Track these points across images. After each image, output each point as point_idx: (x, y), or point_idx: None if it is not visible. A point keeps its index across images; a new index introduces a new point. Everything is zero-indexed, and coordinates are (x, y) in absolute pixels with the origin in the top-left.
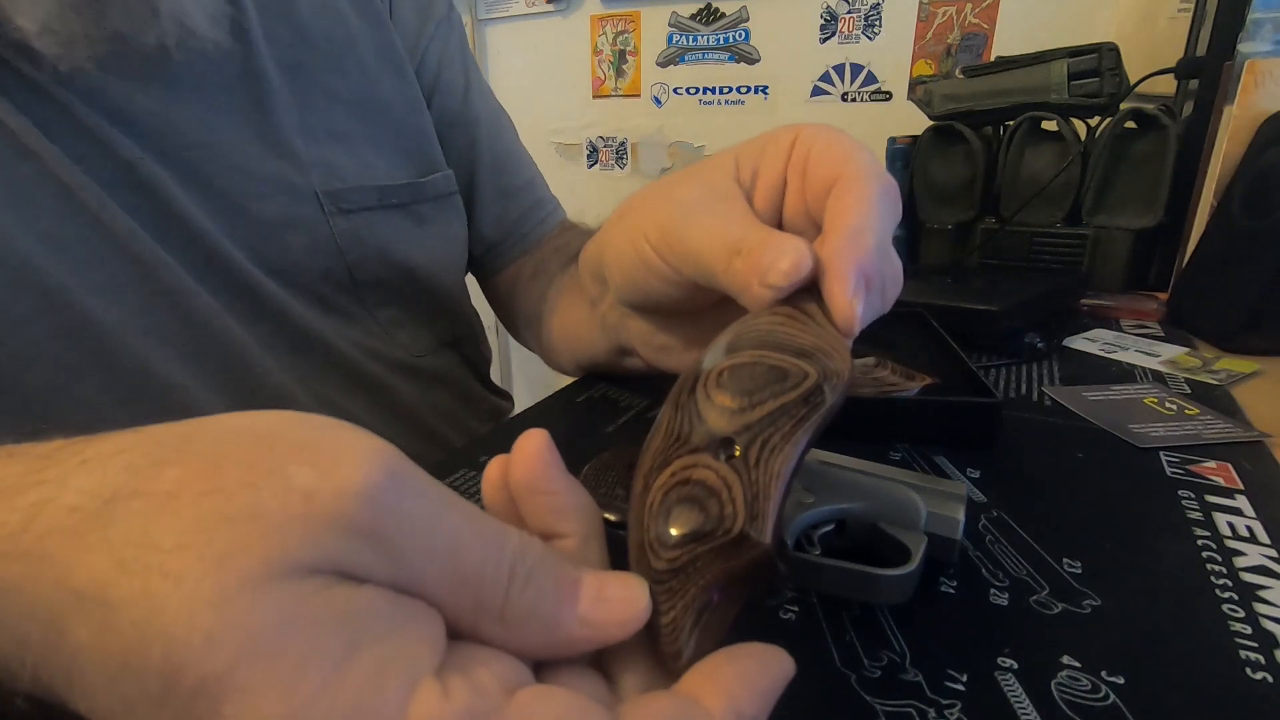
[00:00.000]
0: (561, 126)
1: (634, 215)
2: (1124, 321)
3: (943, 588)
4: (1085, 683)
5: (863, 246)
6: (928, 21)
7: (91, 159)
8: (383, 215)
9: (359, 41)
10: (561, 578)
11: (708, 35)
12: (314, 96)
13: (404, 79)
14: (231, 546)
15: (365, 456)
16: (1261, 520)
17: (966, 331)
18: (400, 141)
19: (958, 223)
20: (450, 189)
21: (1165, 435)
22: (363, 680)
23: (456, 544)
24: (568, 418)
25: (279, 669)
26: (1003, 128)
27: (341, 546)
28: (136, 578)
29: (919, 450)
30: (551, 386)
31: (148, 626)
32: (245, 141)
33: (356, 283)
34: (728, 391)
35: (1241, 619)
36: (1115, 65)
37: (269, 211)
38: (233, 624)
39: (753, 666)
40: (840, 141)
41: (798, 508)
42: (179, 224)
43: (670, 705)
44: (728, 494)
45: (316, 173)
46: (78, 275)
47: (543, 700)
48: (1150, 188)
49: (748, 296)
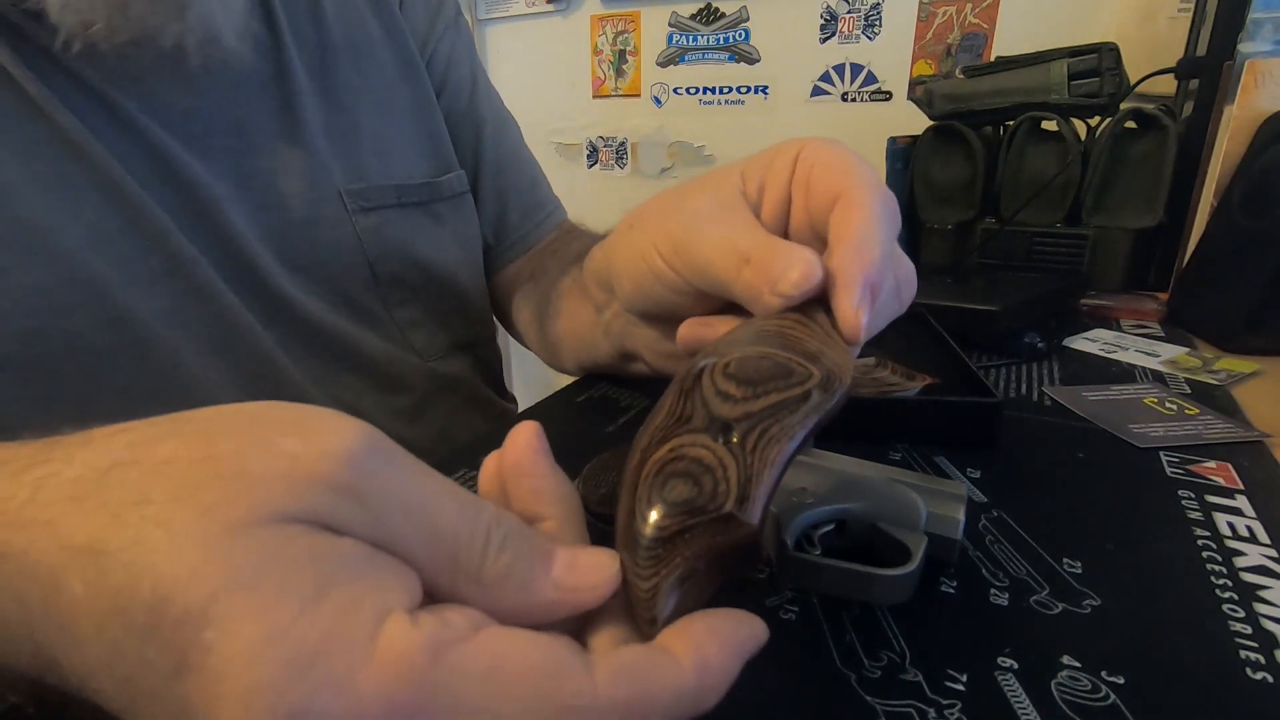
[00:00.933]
0: (561, 126)
1: (643, 226)
2: (1124, 321)
3: (943, 588)
4: (1085, 683)
5: (868, 259)
6: (928, 21)
7: (132, 156)
8: (402, 213)
9: (377, 44)
10: (536, 546)
11: (708, 35)
12: (336, 97)
13: (419, 82)
14: (219, 498)
15: (347, 428)
16: (1261, 520)
17: (966, 331)
18: (417, 142)
19: (958, 223)
20: (463, 188)
21: (1165, 435)
22: (336, 609)
23: (433, 506)
24: (568, 418)
25: (257, 598)
26: (1003, 128)
27: (323, 501)
28: (130, 528)
29: (919, 450)
30: (551, 386)
31: (138, 567)
32: (275, 140)
33: (378, 279)
34: (734, 380)
35: (1241, 619)
36: (1115, 65)
37: (296, 208)
38: (217, 559)
39: (722, 622)
40: (842, 156)
41: (798, 508)
42: (210, 220)
43: (639, 651)
44: (722, 473)
45: (339, 171)
46: (117, 268)
47: (510, 633)
48: (1150, 188)
49: (758, 305)
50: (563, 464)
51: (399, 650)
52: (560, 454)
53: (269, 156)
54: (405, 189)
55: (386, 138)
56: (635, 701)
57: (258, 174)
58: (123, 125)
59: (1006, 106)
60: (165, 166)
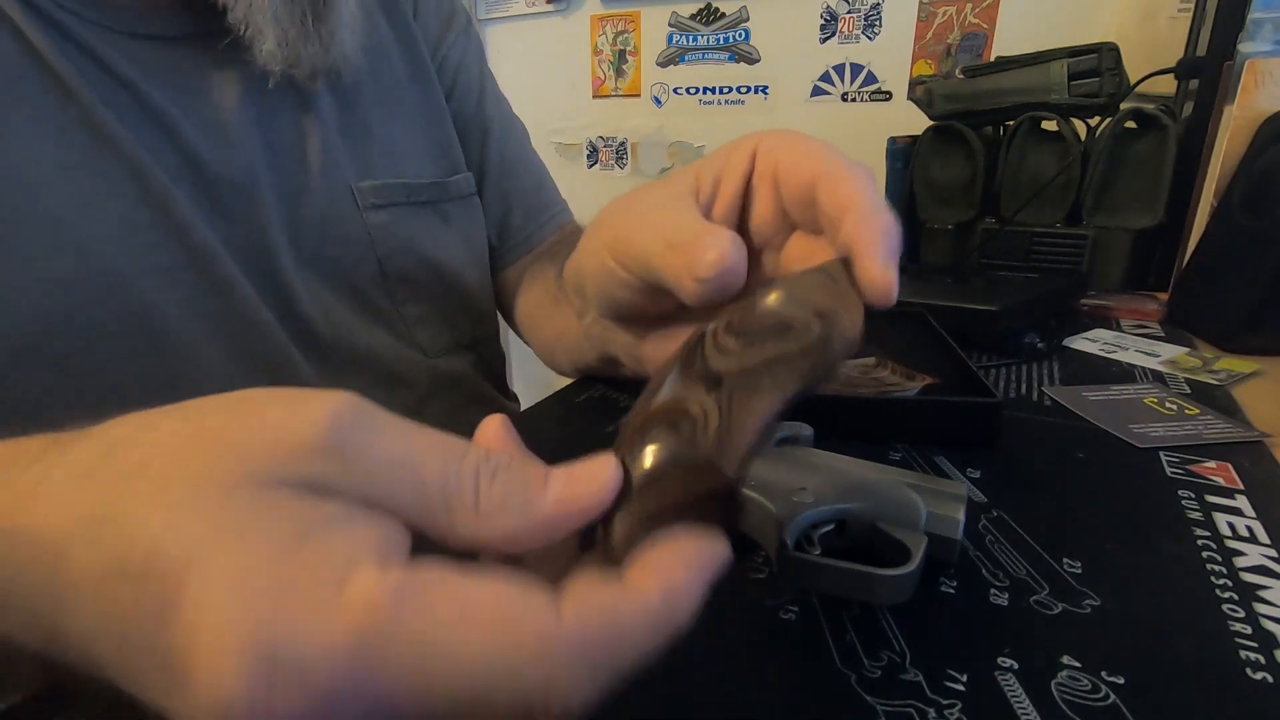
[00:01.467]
0: (561, 126)
1: (598, 227)
2: (1124, 321)
3: (943, 588)
4: (1085, 683)
5: (880, 221)
6: (928, 21)
7: (161, 147)
8: (411, 211)
9: (389, 49)
10: (529, 471)
11: (708, 35)
12: (349, 97)
13: (429, 86)
14: (209, 465)
15: (331, 397)
16: (1261, 520)
17: (966, 331)
18: (425, 144)
19: (958, 223)
20: (471, 190)
21: (1165, 435)
22: (309, 557)
23: (417, 458)
24: (568, 418)
25: (237, 546)
26: (1003, 128)
27: (310, 465)
28: (128, 497)
29: (919, 450)
30: (552, 386)
31: (134, 528)
32: (293, 135)
33: (386, 275)
34: (733, 335)
35: (1241, 619)
36: (1115, 65)
37: (311, 203)
38: (204, 515)
39: (685, 544)
40: (808, 142)
41: (798, 508)
42: (232, 214)
43: (606, 589)
44: (704, 423)
45: (352, 169)
46: (141, 260)
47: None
48: (1150, 188)
49: (682, 291)
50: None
51: (365, 593)
52: (560, 454)
53: (288, 152)
54: (415, 188)
55: (396, 139)
56: (605, 637)
57: (278, 168)
58: (153, 116)
59: (1006, 106)
60: (192, 158)
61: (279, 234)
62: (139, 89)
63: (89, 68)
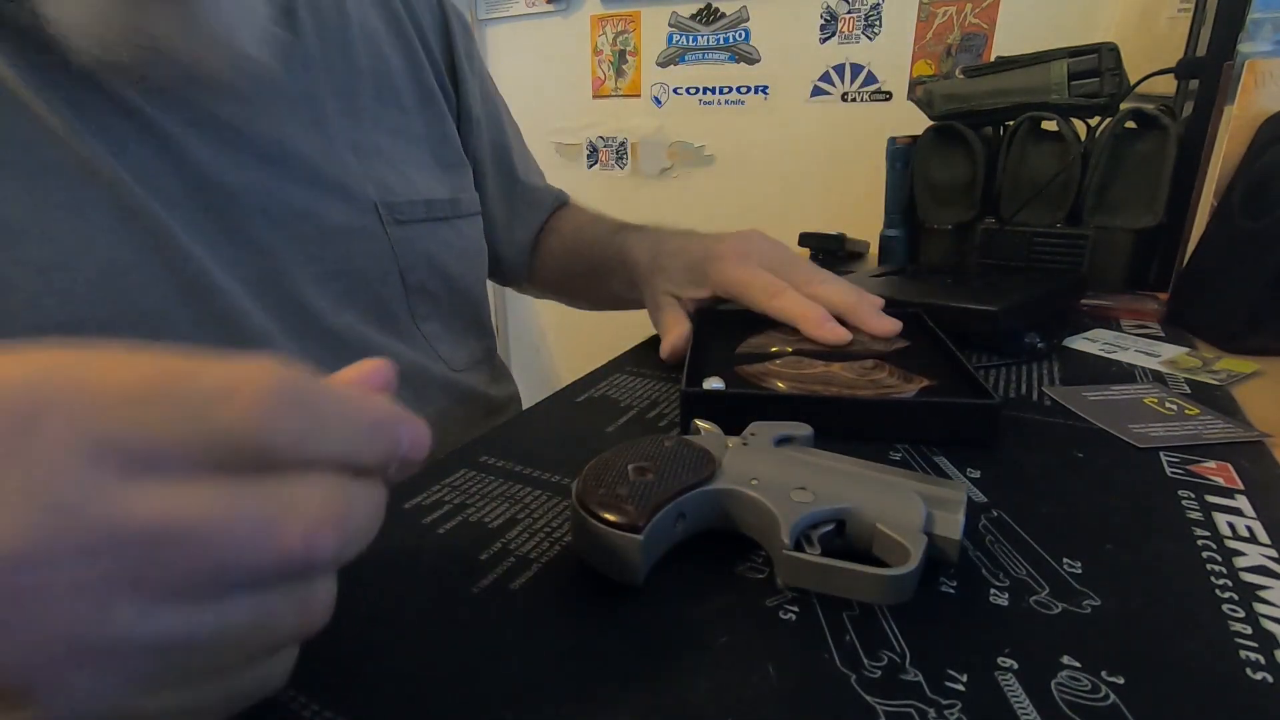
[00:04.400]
0: (561, 126)
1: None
2: (1124, 321)
3: (943, 588)
4: (1085, 683)
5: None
6: (928, 21)
7: (162, 174)
8: (429, 227)
9: (396, 76)
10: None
11: (708, 35)
12: (362, 120)
13: (435, 111)
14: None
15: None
16: (1261, 520)
17: (966, 332)
18: (432, 168)
19: (958, 223)
20: (475, 209)
21: (1165, 435)
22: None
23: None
24: (568, 418)
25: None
26: (1003, 128)
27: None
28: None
29: (919, 450)
30: (552, 386)
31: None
32: (308, 153)
33: (408, 288)
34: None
35: (1241, 619)
36: (1115, 65)
37: (335, 218)
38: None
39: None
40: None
41: (798, 508)
42: (243, 234)
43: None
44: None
45: (371, 186)
46: (134, 299)
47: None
48: (1150, 188)
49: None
50: (563, 464)
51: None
52: (560, 454)
53: (303, 169)
54: (433, 204)
55: (407, 160)
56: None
57: (293, 185)
58: (158, 142)
59: (1006, 106)
60: (199, 181)
61: (294, 251)
62: (143, 111)
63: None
